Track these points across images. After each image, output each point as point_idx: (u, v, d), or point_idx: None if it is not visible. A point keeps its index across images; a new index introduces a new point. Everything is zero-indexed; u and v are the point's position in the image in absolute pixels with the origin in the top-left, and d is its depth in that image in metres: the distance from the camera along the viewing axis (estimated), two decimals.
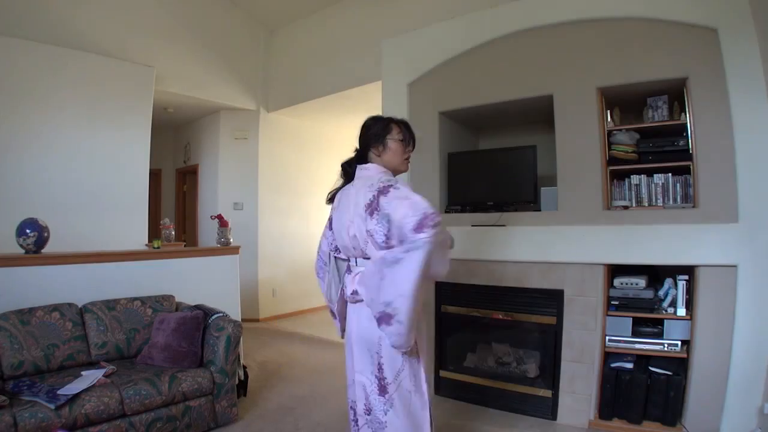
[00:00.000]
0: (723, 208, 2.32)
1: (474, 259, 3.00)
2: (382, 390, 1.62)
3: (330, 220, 1.85)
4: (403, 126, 1.75)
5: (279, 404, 3.00)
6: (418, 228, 1.44)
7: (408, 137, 1.74)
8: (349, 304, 1.75)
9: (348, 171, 1.77)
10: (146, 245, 4.06)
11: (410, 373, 1.64)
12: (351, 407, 1.78)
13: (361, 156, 1.76)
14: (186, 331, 2.63)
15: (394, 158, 1.72)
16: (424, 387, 1.68)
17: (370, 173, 1.68)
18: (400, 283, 1.47)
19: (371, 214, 1.55)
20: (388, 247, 1.54)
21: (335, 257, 1.83)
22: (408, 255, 1.45)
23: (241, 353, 3.24)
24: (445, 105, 3.28)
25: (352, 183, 1.73)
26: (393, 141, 1.71)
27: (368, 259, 1.64)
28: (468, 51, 3.18)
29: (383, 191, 1.55)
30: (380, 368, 1.62)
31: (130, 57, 4.42)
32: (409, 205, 1.48)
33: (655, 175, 2.63)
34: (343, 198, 1.72)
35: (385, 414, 1.61)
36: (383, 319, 1.52)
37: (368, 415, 1.65)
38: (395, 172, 1.73)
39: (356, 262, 1.71)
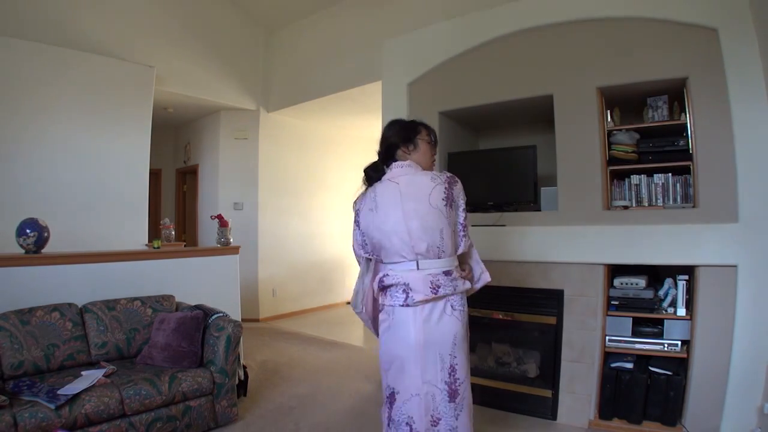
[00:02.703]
0: (723, 208, 2.32)
1: None
2: (453, 395, 1.58)
3: (357, 221, 1.77)
4: (430, 129, 1.79)
5: (279, 404, 3.00)
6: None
7: (434, 140, 1.80)
8: (410, 308, 1.61)
9: (372, 176, 1.75)
10: (146, 245, 4.05)
11: (469, 369, 1.66)
12: (407, 423, 1.61)
13: (387, 157, 1.75)
14: (186, 331, 2.63)
15: (424, 158, 1.75)
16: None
17: (412, 169, 1.68)
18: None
19: (450, 206, 1.60)
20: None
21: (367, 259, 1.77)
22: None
23: (241, 353, 3.24)
24: (445, 105, 3.28)
25: (386, 181, 1.69)
26: (423, 141, 1.75)
27: (439, 258, 1.61)
28: (468, 51, 3.18)
29: (452, 184, 1.63)
30: (453, 370, 1.58)
31: (131, 57, 4.42)
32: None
33: (655, 175, 2.63)
34: (382, 197, 1.67)
35: (457, 419, 1.58)
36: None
37: (435, 426, 1.58)
38: None
39: (417, 264, 1.62)
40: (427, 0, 4.19)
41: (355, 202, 1.80)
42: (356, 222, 1.78)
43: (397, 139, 1.73)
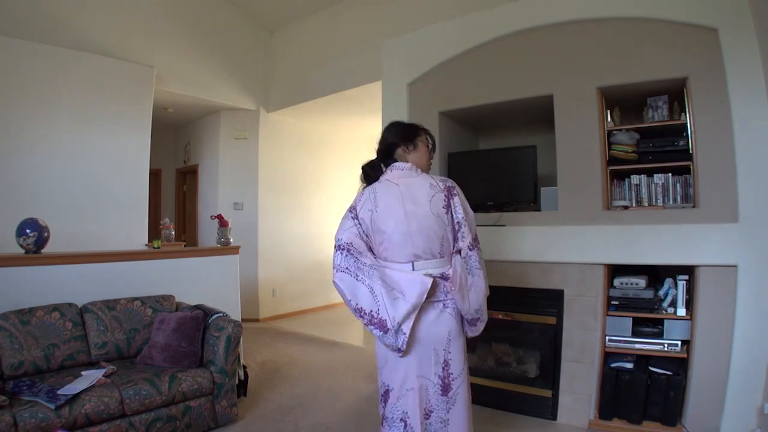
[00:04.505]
0: (723, 208, 2.32)
1: None
2: (446, 389, 1.63)
3: (354, 212, 1.69)
4: (429, 134, 1.85)
5: (279, 404, 3.00)
6: (474, 244, 1.67)
7: (432, 145, 1.85)
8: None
9: (370, 174, 1.79)
10: (146, 245, 4.06)
11: (467, 365, 1.70)
12: (402, 419, 1.62)
13: (386, 156, 1.78)
14: (186, 331, 2.63)
15: (422, 159, 1.79)
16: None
17: (412, 171, 1.71)
18: (480, 291, 1.67)
19: (450, 214, 1.66)
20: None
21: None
22: (478, 270, 1.67)
23: (241, 353, 3.24)
24: (445, 105, 3.28)
25: (386, 182, 1.71)
26: (422, 143, 1.80)
27: (435, 258, 1.65)
28: (468, 51, 3.18)
29: (451, 194, 1.67)
30: (446, 365, 1.63)
31: (130, 57, 4.42)
32: (472, 217, 1.71)
33: (655, 175, 2.63)
34: (383, 199, 1.66)
35: (448, 412, 1.63)
36: (472, 321, 1.69)
37: (427, 419, 1.62)
38: None
39: (413, 265, 1.63)
40: (427, 0, 4.19)
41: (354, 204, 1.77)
42: (353, 217, 1.70)
43: (398, 139, 1.76)
